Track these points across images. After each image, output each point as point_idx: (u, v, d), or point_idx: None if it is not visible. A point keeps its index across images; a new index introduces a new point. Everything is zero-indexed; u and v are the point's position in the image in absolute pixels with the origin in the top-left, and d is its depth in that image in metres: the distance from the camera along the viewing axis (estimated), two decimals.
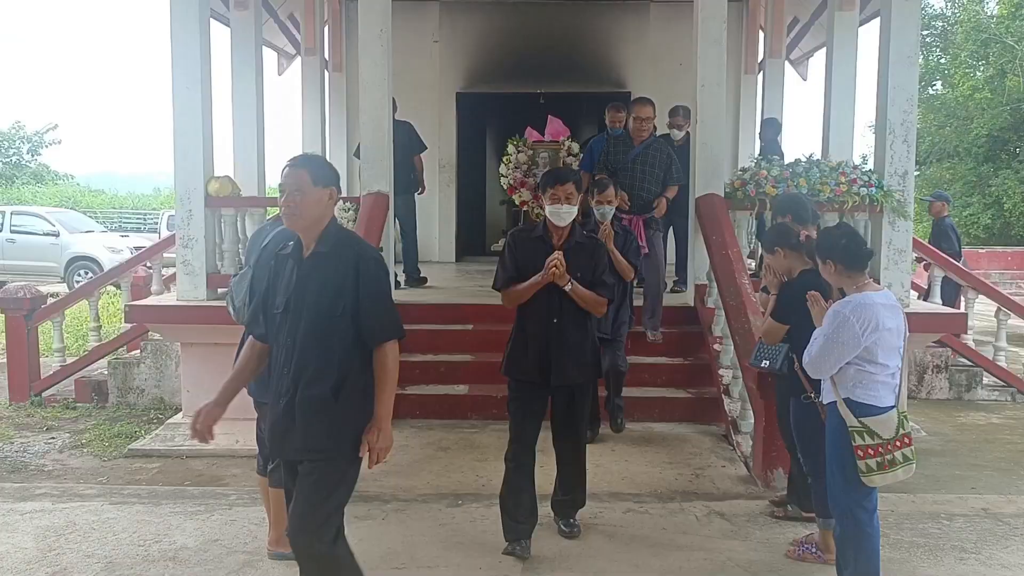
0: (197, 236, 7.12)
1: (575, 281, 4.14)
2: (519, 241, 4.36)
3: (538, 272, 4.13)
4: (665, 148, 7.22)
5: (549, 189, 4.22)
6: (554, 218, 4.21)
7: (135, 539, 4.44)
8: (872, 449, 3.44)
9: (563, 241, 4.22)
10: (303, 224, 3.16)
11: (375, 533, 4.54)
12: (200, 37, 6.98)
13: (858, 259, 3.61)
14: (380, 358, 3.14)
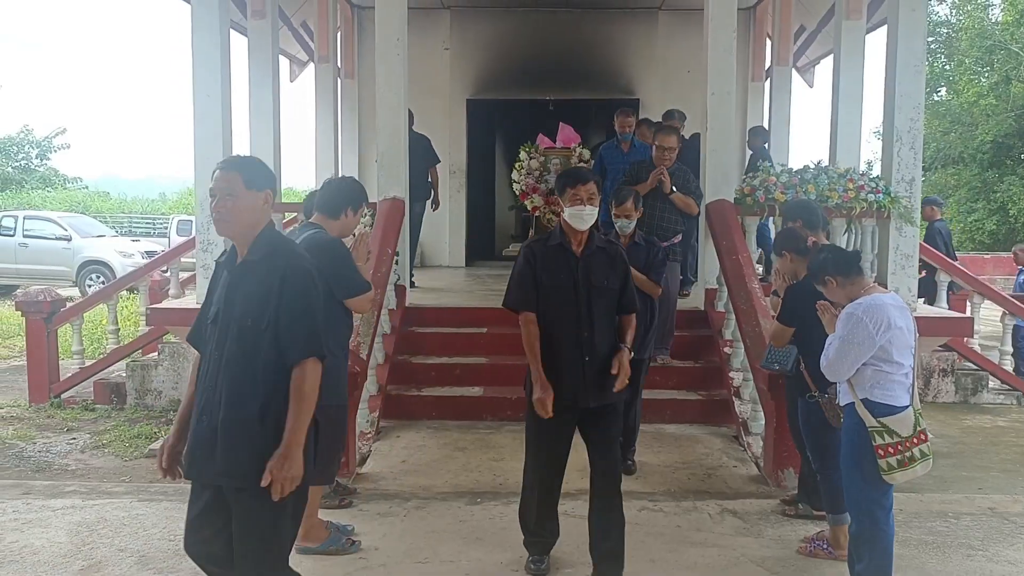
0: (216, 240, 7.26)
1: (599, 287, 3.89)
2: (538, 252, 3.95)
3: (564, 285, 3.86)
4: (686, 174, 6.80)
5: (569, 189, 3.87)
6: (574, 221, 3.87)
7: (165, 534, 4.57)
8: (892, 447, 3.55)
9: (583, 247, 3.91)
10: (235, 230, 2.96)
11: (397, 529, 4.67)
12: (220, 47, 7.15)
13: (849, 264, 3.74)
14: (296, 378, 2.88)
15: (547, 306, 3.91)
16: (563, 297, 3.87)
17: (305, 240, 4.24)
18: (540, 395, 3.81)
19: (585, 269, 3.89)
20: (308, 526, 4.30)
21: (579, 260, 3.91)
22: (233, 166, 3.00)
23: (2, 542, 4.46)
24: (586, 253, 3.94)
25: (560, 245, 3.95)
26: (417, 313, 7.64)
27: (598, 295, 3.89)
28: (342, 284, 4.22)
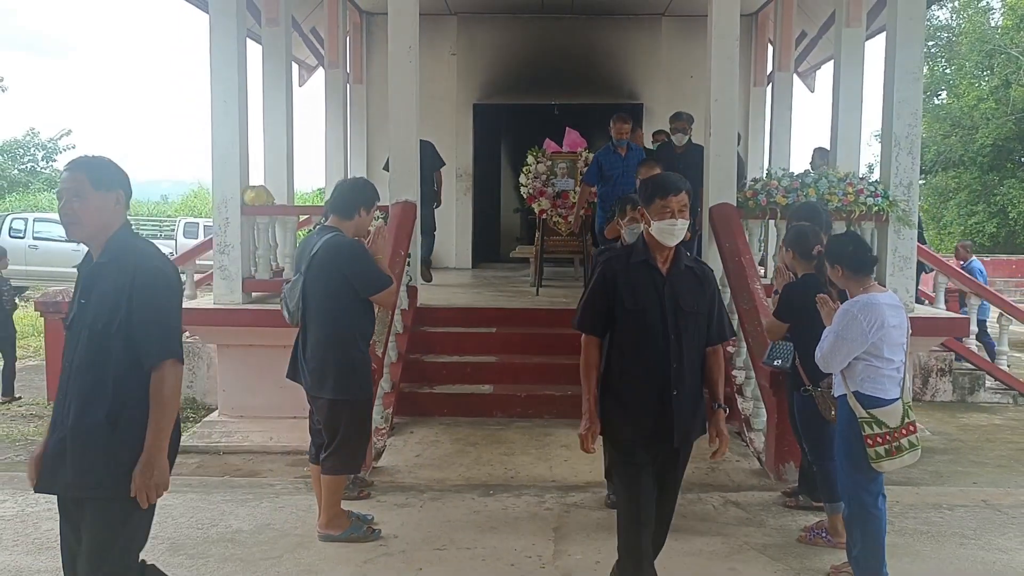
0: (233, 243, 7.46)
1: (689, 312, 3.44)
2: (619, 269, 3.49)
3: (650, 308, 3.41)
4: None
5: (658, 200, 3.40)
6: (663, 236, 3.40)
7: (193, 523, 4.78)
8: (880, 437, 3.76)
9: (669, 265, 3.47)
10: (85, 232, 2.87)
11: (414, 519, 4.87)
12: (237, 55, 7.34)
13: (864, 265, 3.95)
14: (155, 381, 2.77)
15: (627, 332, 3.46)
16: (648, 322, 3.42)
17: (324, 244, 4.44)
18: (584, 430, 3.46)
19: (672, 290, 3.44)
20: (331, 515, 4.53)
21: (665, 280, 3.45)
22: (79, 167, 2.90)
23: (38, 530, 4.67)
24: (673, 272, 3.48)
25: (645, 262, 3.48)
26: (428, 313, 7.84)
27: (687, 321, 3.44)
28: (366, 282, 4.43)
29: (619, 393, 3.47)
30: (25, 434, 7.68)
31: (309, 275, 4.44)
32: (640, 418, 3.44)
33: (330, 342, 4.39)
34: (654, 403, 3.42)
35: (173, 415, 2.85)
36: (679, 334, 3.41)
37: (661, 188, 3.45)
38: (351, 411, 4.47)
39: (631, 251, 3.57)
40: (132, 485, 2.75)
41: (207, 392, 8.66)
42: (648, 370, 3.43)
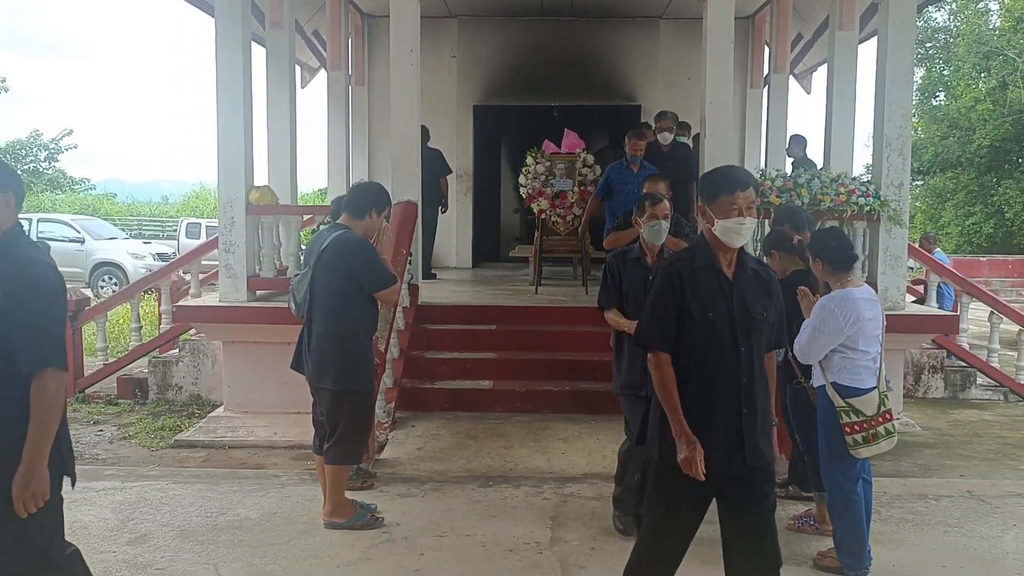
0: (239, 241, 7.63)
1: (758, 320, 3.14)
2: (685, 275, 3.12)
3: (719, 317, 3.09)
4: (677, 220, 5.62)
5: (723, 196, 3.08)
6: (729, 237, 3.07)
7: (202, 512, 4.95)
8: (858, 425, 3.95)
9: (734, 268, 3.16)
10: None
11: (416, 508, 5.04)
12: (243, 59, 7.52)
13: (844, 261, 4.13)
14: (34, 391, 2.68)
15: (694, 344, 3.12)
16: (716, 333, 3.10)
17: (333, 240, 4.62)
18: (688, 454, 3.02)
19: (740, 296, 3.13)
20: (336, 504, 4.69)
21: (733, 285, 3.14)
22: None
23: None
24: (739, 276, 3.17)
25: (712, 267, 3.14)
26: (429, 311, 8.01)
27: (757, 330, 3.15)
28: (371, 279, 4.60)
29: (686, 414, 3.09)
30: None
31: (318, 269, 4.61)
32: (708, 441, 3.05)
33: (334, 335, 4.56)
34: (723, 424, 3.08)
35: (54, 425, 2.74)
36: (749, 345, 3.10)
37: (726, 183, 3.13)
38: (352, 402, 4.63)
39: (694, 254, 3.19)
40: (12, 494, 2.69)
41: (212, 389, 8.81)
42: (717, 387, 3.09)
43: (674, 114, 8.40)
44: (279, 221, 7.87)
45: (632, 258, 4.53)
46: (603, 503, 5.11)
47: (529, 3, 11.78)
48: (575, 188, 9.42)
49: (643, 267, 4.48)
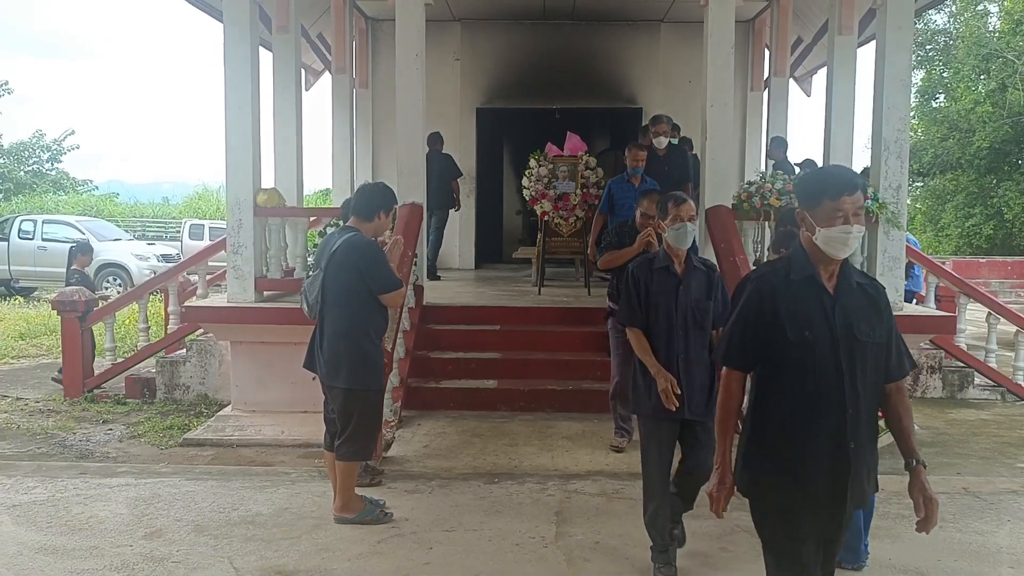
0: (246, 243, 7.74)
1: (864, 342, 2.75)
2: (778, 288, 2.78)
3: (819, 339, 2.71)
4: None
5: (827, 201, 2.69)
6: (833, 247, 2.68)
7: (215, 507, 5.06)
8: None
9: (836, 281, 2.77)
10: None
11: (424, 504, 5.15)
12: (251, 64, 7.63)
13: None
14: None
15: (788, 368, 2.75)
16: (815, 355, 2.73)
17: (343, 242, 4.74)
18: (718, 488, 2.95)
19: (844, 314, 2.74)
20: (346, 499, 4.81)
21: (835, 301, 2.75)
22: None
23: (69, 513, 4.95)
24: (842, 291, 2.77)
25: (811, 279, 2.77)
26: (434, 312, 8.12)
27: (864, 353, 2.75)
28: (378, 281, 4.72)
29: (777, 447, 2.77)
30: (45, 428, 7.94)
31: (328, 271, 4.72)
32: (806, 479, 2.73)
33: (345, 334, 4.68)
34: (824, 459, 2.72)
35: None
36: (854, 370, 2.72)
37: (831, 185, 2.73)
38: (364, 400, 4.75)
39: (788, 264, 2.81)
40: None
41: (219, 388, 8.92)
42: (816, 417, 2.72)
43: (668, 117, 8.47)
44: (286, 223, 7.99)
45: (659, 267, 4.25)
46: (606, 500, 5.24)
47: (532, 7, 11.91)
48: (578, 190, 9.53)
49: (673, 276, 4.22)
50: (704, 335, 4.20)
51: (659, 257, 4.30)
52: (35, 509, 5.03)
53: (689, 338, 4.15)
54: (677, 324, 4.15)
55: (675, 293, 4.19)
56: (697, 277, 4.25)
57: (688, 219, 4.22)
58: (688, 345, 4.14)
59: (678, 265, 4.25)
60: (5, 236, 19.27)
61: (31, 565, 4.23)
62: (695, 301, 4.19)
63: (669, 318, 4.17)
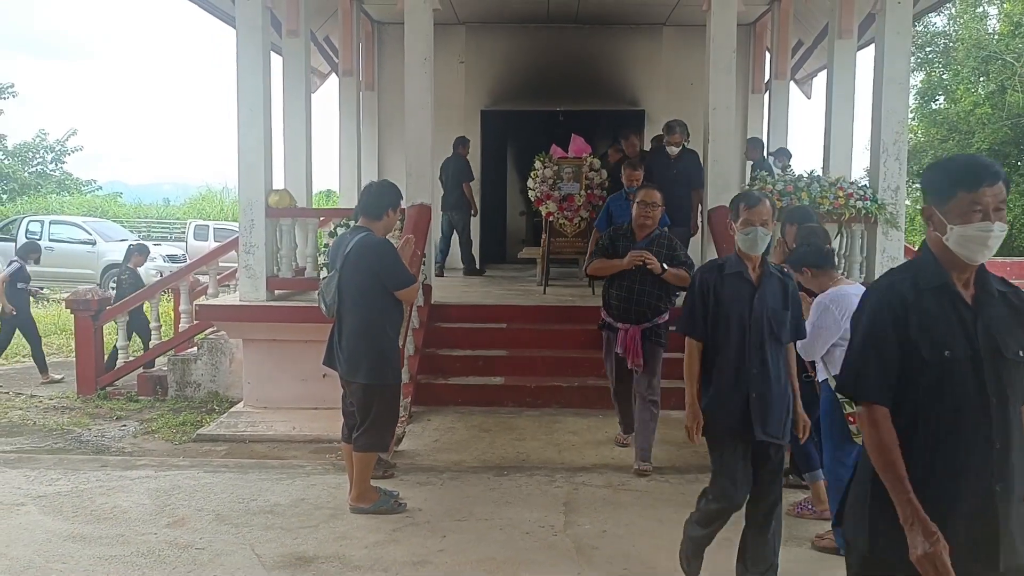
0: (258, 243, 7.91)
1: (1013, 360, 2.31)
2: (910, 301, 2.33)
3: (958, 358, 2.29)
4: (671, 243, 5.91)
5: (964, 193, 2.29)
6: (971, 248, 2.27)
7: (234, 498, 5.23)
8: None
9: (974, 289, 2.35)
10: None
11: (436, 495, 5.32)
12: (263, 68, 7.82)
13: (821, 256, 4.45)
14: None
15: (922, 392, 2.32)
16: (956, 379, 2.30)
17: (356, 242, 4.92)
18: (927, 549, 2.17)
19: (987, 328, 2.32)
20: (362, 489, 4.98)
21: (976, 312, 2.34)
22: None
23: (93, 503, 5.12)
24: (982, 300, 2.36)
25: (945, 287, 2.35)
26: (442, 310, 8.29)
27: (1009, 375, 2.31)
28: (393, 278, 4.89)
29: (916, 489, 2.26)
30: (60, 424, 8.11)
31: (344, 271, 4.89)
32: (950, 527, 2.22)
33: (363, 332, 4.85)
34: (964, 504, 2.27)
35: None
36: (1003, 395, 2.28)
37: (969, 174, 2.31)
38: (382, 395, 4.93)
39: (917, 272, 2.39)
40: None
41: (230, 386, 9.09)
42: (954, 452, 2.28)
43: (683, 125, 8.54)
44: (296, 223, 8.16)
45: (731, 272, 3.84)
46: (613, 491, 5.40)
47: (536, 10, 12.06)
48: (582, 191, 9.70)
49: (747, 283, 3.83)
50: (781, 348, 3.88)
51: (730, 262, 3.91)
52: (60, 499, 5.19)
53: (765, 352, 3.79)
54: (751, 337, 3.78)
55: (750, 302, 3.80)
56: (773, 284, 3.87)
57: (761, 224, 3.81)
58: (764, 359, 3.79)
59: (753, 271, 3.87)
60: (12, 237, 19.47)
61: (60, 551, 4.39)
62: (772, 311, 3.81)
63: (742, 330, 3.79)
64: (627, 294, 5.78)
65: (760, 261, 3.89)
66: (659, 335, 5.83)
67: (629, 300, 5.78)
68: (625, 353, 5.78)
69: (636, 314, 5.77)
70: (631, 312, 5.77)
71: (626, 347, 5.77)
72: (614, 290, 5.86)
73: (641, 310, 5.76)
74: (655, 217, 5.85)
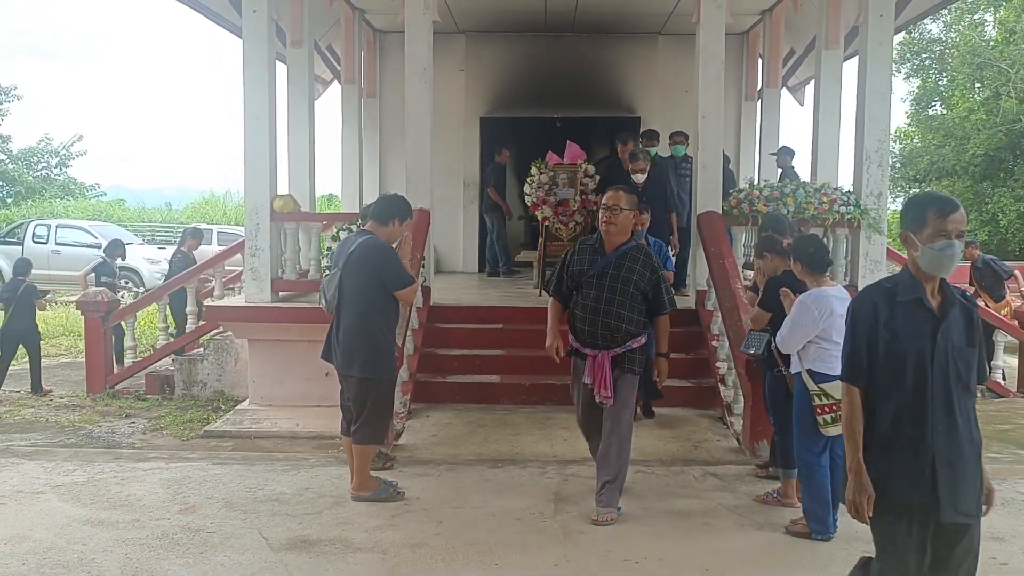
0: (263, 246, 8.21)
1: None
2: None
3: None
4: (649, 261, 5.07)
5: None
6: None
7: (242, 487, 5.52)
8: (828, 407, 4.53)
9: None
10: None
11: (433, 485, 5.61)
12: (268, 78, 8.11)
13: (819, 265, 4.75)
14: None
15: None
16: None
17: (360, 244, 5.22)
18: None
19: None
20: (362, 479, 5.27)
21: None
22: None
23: (109, 492, 5.41)
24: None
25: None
26: (441, 311, 8.58)
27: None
28: (392, 279, 5.19)
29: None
30: (72, 421, 8.40)
31: (346, 270, 5.19)
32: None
33: (360, 328, 5.16)
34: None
35: None
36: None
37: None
38: (377, 388, 5.23)
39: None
40: None
41: (234, 385, 9.38)
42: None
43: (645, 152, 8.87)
44: (300, 227, 8.45)
45: (907, 299, 3.02)
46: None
47: (534, 19, 12.37)
48: (577, 196, 9.98)
49: (928, 313, 3.00)
50: (971, 398, 3.04)
51: (903, 284, 3.05)
52: (77, 488, 5.48)
53: (952, 402, 2.96)
54: (934, 383, 2.96)
55: (932, 338, 2.98)
56: (956, 314, 3.03)
57: (958, 235, 2.99)
58: (951, 411, 2.96)
59: (932, 295, 3.04)
60: (20, 240, 19.78)
61: (80, 534, 4.68)
62: (957, 349, 2.99)
63: (921, 373, 2.97)
64: (591, 315, 4.99)
65: (940, 283, 3.06)
66: (633, 362, 5.01)
67: (595, 321, 4.97)
68: (593, 383, 5.02)
69: (603, 337, 4.96)
70: (597, 335, 4.97)
71: (593, 376, 5.01)
72: (578, 310, 5.06)
73: (608, 332, 4.95)
74: (621, 224, 5.01)
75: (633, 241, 5.17)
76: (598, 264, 5.02)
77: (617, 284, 4.95)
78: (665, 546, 4.64)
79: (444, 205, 11.78)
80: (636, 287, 4.95)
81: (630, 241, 5.12)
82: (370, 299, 5.17)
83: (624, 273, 4.96)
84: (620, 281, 4.95)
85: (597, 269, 5.00)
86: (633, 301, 4.96)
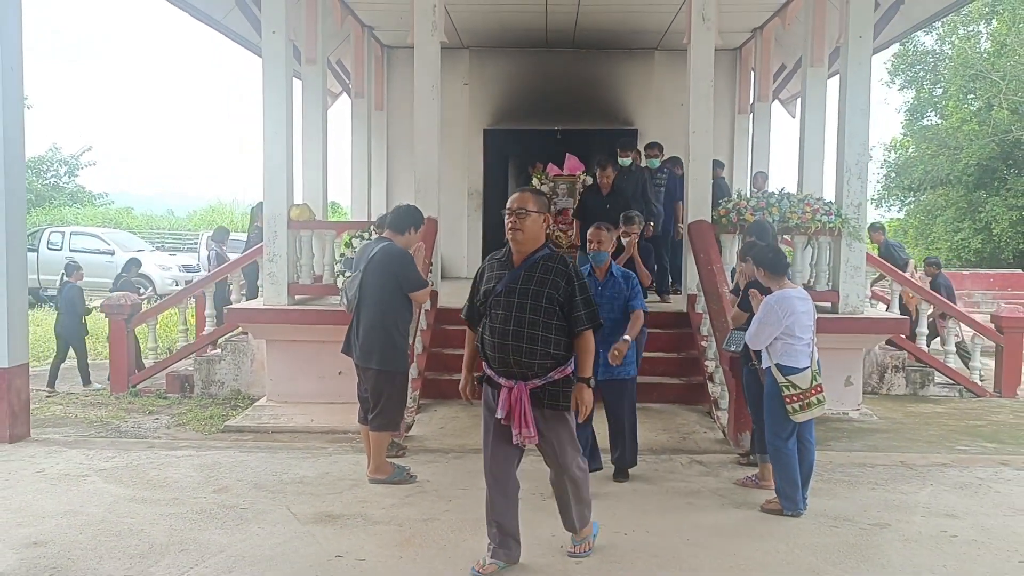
0: (281, 253, 8.75)
1: None
2: None
3: None
4: (564, 269, 4.23)
5: None
6: None
7: (267, 471, 6.05)
8: (796, 396, 5.05)
9: None
10: None
11: (442, 470, 6.14)
12: (286, 95, 8.66)
13: (778, 268, 5.29)
14: None
15: None
16: None
17: (381, 249, 5.77)
18: None
19: None
20: (378, 464, 5.80)
21: None
22: None
23: (147, 475, 5.94)
24: None
25: None
26: (447, 313, 9.10)
27: None
28: (408, 282, 5.73)
29: None
30: (99, 417, 8.93)
31: (367, 273, 5.73)
32: None
33: (378, 324, 5.69)
34: None
35: None
36: None
37: None
38: (392, 380, 5.76)
39: None
40: None
41: (251, 384, 9.92)
42: None
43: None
44: (314, 235, 8.99)
45: None
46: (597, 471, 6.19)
47: (535, 36, 12.95)
48: (575, 206, 10.52)
49: None
50: None
51: None
52: (118, 472, 6.02)
53: None
54: None
55: None
56: None
57: None
58: None
59: None
60: (34, 247, 20.33)
61: (126, 510, 5.21)
62: None
63: None
64: (500, 339, 4.16)
65: None
66: (556, 398, 4.23)
67: (504, 347, 4.15)
68: (507, 420, 4.27)
69: (518, 365, 4.15)
70: (509, 362, 4.16)
71: (507, 412, 4.23)
72: (487, 334, 4.24)
73: (521, 359, 4.13)
74: (530, 229, 4.21)
75: (546, 249, 4.28)
76: (505, 280, 4.20)
77: (527, 301, 4.11)
78: (651, 520, 5.16)
79: (448, 214, 12.27)
80: (550, 301, 4.11)
81: (542, 249, 4.26)
82: (389, 299, 5.71)
83: (535, 287, 4.13)
84: (531, 297, 4.12)
85: (504, 286, 4.18)
86: (549, 319, 4.12)
